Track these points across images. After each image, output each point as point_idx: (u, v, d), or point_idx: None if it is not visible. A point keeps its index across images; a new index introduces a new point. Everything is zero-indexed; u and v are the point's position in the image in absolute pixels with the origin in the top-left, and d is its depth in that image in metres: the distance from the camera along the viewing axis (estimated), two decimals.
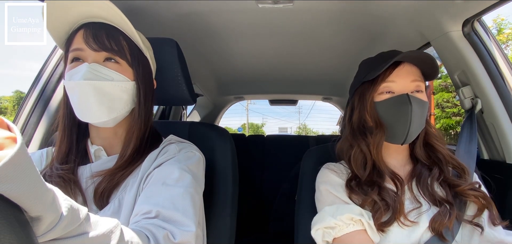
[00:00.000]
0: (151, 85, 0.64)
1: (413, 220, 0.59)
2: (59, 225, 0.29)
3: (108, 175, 0.56)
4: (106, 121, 0.56)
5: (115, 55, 0.56)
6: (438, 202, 0.61)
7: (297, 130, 28.03)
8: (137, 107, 0.60)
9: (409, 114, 0.60)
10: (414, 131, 0.62)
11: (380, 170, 0.65)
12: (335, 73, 1.67)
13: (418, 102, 0.61)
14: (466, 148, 0.77)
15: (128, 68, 0.58)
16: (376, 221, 0.58)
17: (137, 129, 0.59)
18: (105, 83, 0.54)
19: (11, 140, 0.27)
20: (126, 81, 0.57)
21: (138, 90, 0.59)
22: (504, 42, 8.29)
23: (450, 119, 9.34)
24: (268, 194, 1.95)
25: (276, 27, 1.05)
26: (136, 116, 0.60)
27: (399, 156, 0.69)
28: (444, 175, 0.64)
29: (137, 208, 0.50)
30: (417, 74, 0.64)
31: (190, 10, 0.93)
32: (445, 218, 0.57)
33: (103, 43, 0.55)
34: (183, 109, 1.75)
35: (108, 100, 0.55)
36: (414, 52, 0.62)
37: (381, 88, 0.64)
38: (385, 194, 0.61)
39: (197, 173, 0.59)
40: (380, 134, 0.64)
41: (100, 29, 0.55)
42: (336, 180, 0.66)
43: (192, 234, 0.48)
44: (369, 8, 0.90)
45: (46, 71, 0.92)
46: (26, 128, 0.87)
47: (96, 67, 0.54)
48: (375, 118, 0.65)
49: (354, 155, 0.66)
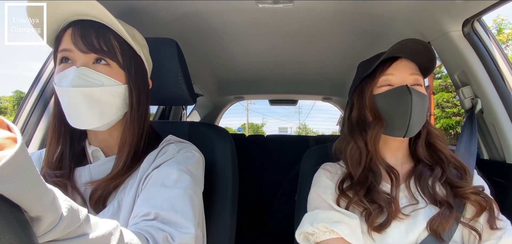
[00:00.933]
0: (145, 86, 0.61)
1: (408, 213, 0.59)
2: (59, 225, 0.29)
3: (103, 184, 0.55)
4: (98, 127, 0.55)
5: (105, 57, 0.53)
6: (438, 203, 0.60)
7: (297, 130, 28.05)
8: (130, 111, 0.57)
9: (409, 104, 0.60)
10: (415, 123, 0.61)
11: (376, 166, 0.64)
12: (335, 73, 1.67)
13: (418, 93, 0.61)
14: (467, 147, 0.77)
15: (120, 70, 0.55)
16: (370, 224, 0.58)
17: (130, 135, 0.57)
18: (94, 89, 0.51)
19: (11, 140, 0.27)
20: (117, 85, 0.54)
21: (130, 94, 0.56)
22: (504, 42, 8.29)
23: (450, 120, 9.34)
24: (268, 194, 1.95)
25: (276, 27, 1.05)
26: (128, 121, 0.57)
27: (399, 154, 0.68)
28: (446, 175, 0.63)
29: (136, 210, 0.50)
30: (414, 69, 0.65)
31: (190, 10, 0.93)
32: (445, 219, 0.57)
33: (91, 44, 0.52)
34: (183, 109, 1.75)
35: (99, 107, 0.53)
36: (410, 40, 0.62)
37: (380, 81, 0.64)
38: (376, 196, 0.60)
39: (196, 173, 0.59)
40: (378, 126, 0.63)
41: (89, 28, 0.52)
42: (326, 182, 0.66)
43: (191, 236, 0.48)
44: (369, 8, 0.90)
45: (46, 71, 0.92)
46: (26, 128, 0.87)
47: (85, 71, 0.51)
48: (374, 111, 0.65)
49: (350, 151, 0.66)
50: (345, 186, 0.64)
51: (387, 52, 0.63)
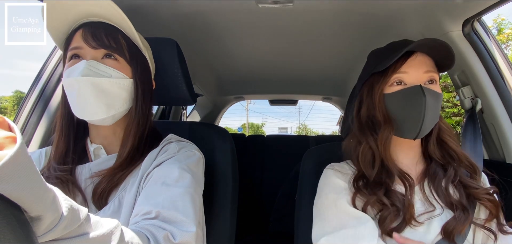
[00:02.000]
0: (149, 84, 0.64)
1: (423, 221, 0.56)
2: (60, 225, 0.29)
3: (107, 176, 0.56)
4: (104, 118, 0.56)
5: (114, 52, 0.56)
6: (454, 206, 0.57)
7: (297, 130, 28.02)
8: (135, 105, 0.59)
9: (423, 107, 0.56)
10: (427, 125, 0.58)
11: (389, 169, 0.60)
12: (335, 73, 1.67)
13: (432, 94, 0.57)
14: (472, 147, 0.75)
15: (127, 65, 0.58)
16: (385, 227, 0.55)
17: (135, 127, 0.59)
18: (103, 79, 0.54)
19: (11, 139, 0.27)
20: (124, 79, 0.57)
21: (136, 88, 0.59)
22: (505, 42, 8.28)
23: (450, 120, 9.33)
24: (268, 194, 1.95)
25: (276, 27, 1.05)
26: (133, 114, 0.59)
27: (411, 153, 0.64)
28: (459, 175, 0.60)
29: (137, 208, 0.50)
30: (430, 65, 0.59)
31: (190, 10, 0.93)
32: (460, 223, 0.54)
33: (101, 40, 0.55)
34: (183, 109, 1.75)
35: (106, 97, 0.55)
36: (428, 40, 0.56)
37: (392, 79, 0.59)
38: (394, 198, 0.57)
39: (197, 172, 0.59)
40: (388, 129, 0.59)
41: (99, 28, 0.56)
42: (339, 183, 0.62)
43: (192, 234, 0.48)
44: (369, 8, 0.90)
45: (46, 71, 0.92)
46: (26, 128, 0.87)
47: (94, 64, 0.54)
48: (384, 113, 0.60)
49: (362, 152, 0.62)
50: (360, 184, 0.61)
51: (401, 52, 0.57)
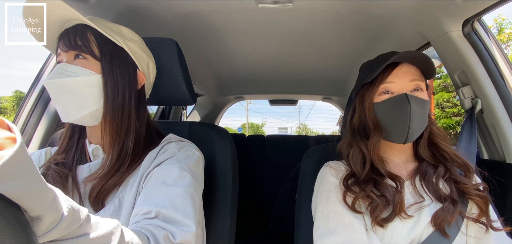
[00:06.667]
0: (124, 77, 0.59)
1: (412, 214, 0.59)
2: (60, 225, 0.29)
3: (97, 179, 0.56)
4: (79, 119, 0.55)
5: (81, 51, 0.56)
6: (442, 199, 0.61)
7: (297, 130, 28.03)
8: (105, 100, 0.56)
9: (408, 114, 0.60)
10: (415, 130, 0.62)
11: (378, 170, 0.65)
12: (335, 73, 1.67)
13: (417, 101, 0.62)
14: (466, 147, 0.77)
15: (95, 62, 0.56)
16: (376, 218, 0.58)
17: (108, 125, 0.57)
18: (67, 80, 0.54)
19: (11, 139, 0.27)
20: (91, 75, 0.55)
21: (105, 83, 0.56)
22: (505, 42, 8.28)
23: (450, 119, 9.33)
24: (268, 194, 1.95)
25: (276, 27, 1.05)
26: (104, 111, 0.56)
27: (403, 155, 0.69)
28: (450, 172, 0.64)
29: (137, 208, 0.50)
30: (416, 74, 0.65)
31: (190, 10, 0.93)
32: (449, 213, 0.57)
33: (69, 42, 0.55)
34: (183, 109, 1.75)
35: (74, 98, 0.54)
36: (409, 52, 0.63)
37: (380, 89, 0.65)
38: (384, 189, 0.61)
39: (196, 172, 0.59)
40: (377, 135, 0.65)
41: (73, 31, 0.56)
42: (331, 180, 0.66)
43: (192, 234, 0.48)
44: (369, 8, 0.90)
45: (46, 71, 0.92)
46: (26, 128, 0.87)
47: (63, 66, 0.55)
48: (374, 120, 0.66)
49: (352, 154, 0.67)
50: (350, 182, 0.65)
51: (386, 62, 0.63)
